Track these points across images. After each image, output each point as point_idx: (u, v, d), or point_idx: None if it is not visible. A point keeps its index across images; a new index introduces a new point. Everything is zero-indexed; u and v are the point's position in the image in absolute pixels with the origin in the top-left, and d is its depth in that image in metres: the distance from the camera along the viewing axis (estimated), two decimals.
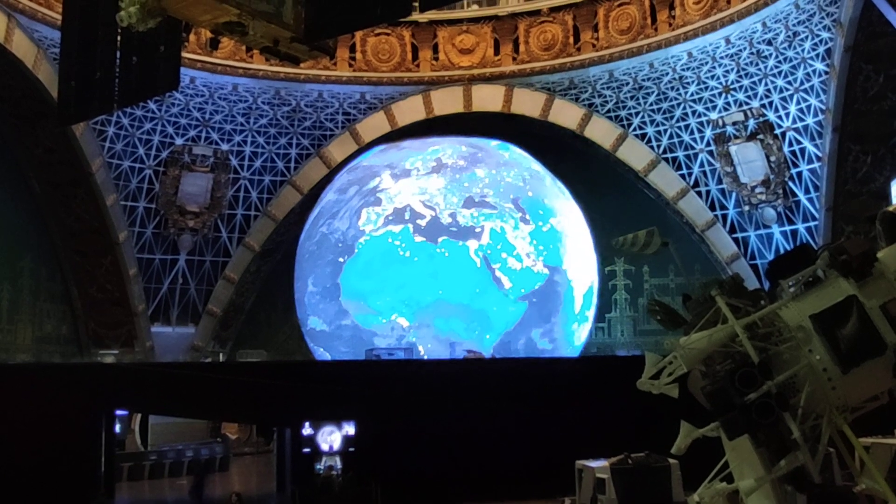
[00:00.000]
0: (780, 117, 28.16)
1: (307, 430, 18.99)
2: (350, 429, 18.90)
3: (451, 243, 29.84)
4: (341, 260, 30.29)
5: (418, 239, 29.94)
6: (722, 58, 28.81)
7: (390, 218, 30.33)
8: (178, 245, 32.09)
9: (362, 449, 18.58)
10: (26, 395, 18.03)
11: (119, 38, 9.71)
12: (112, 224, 30.04)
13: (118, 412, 21.99)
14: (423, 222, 30.04)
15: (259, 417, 23.75)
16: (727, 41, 28.39)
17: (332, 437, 19.00)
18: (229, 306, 32.98)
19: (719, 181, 30.26)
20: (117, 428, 22.36)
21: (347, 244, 30.43)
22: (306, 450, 19.02)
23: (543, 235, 30.59)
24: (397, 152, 32.14)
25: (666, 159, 31.01)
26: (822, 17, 25.40)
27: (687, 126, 30.47)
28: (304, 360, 30.11)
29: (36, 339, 29.93)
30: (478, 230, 30.15)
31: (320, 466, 18.88)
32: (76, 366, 26.33)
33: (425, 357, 28.48)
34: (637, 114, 31.24)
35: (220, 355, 32.10)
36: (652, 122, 31.06)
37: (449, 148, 32.10)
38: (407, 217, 30.15)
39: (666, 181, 31.05)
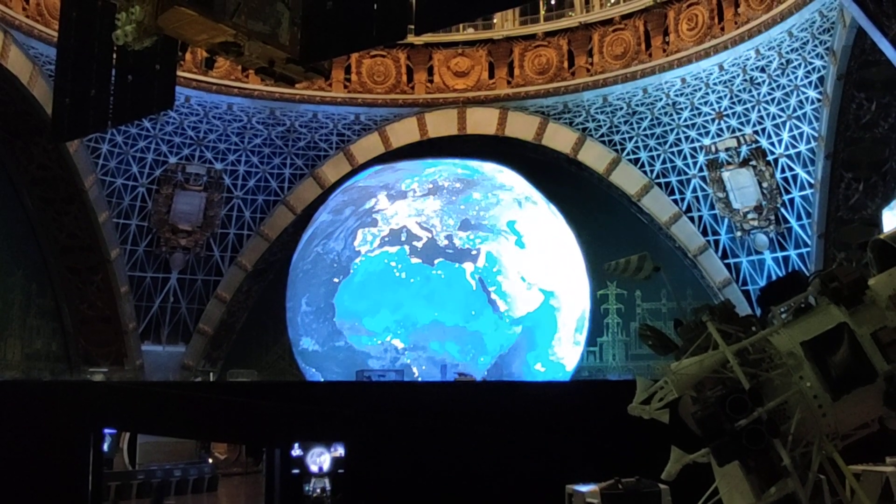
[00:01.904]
0: (772, 144, 28.30)
1: (296, 451, 18.89)
2: (340, 450, 18.81)
3: (447, 265, 29.89)
4: (336, 280, 30.29)
5: (414, 260, 29.99)
6: (715, 84, 28.98)
7: (386, 239, 30.40)
8: (169, 263, 32.04)
9: (352, 471, 18.49)
10: (14, 413, 17.92)
11: (115, 56, 9.74)
12: (104, 241, 30.00)
13: (106, 430, 21.85)
14: (419, 244, 30.12)
15: (248, 438, 23.61)
16: (720, 68, 28.57)
17: (321, 459, 18.89)
18: (220, 325, 32.89)
19: (712, 207, 30.35)
20: (105, 446, 22.20)
21: (343, 264, 30.44)
22: (295, 471, 18.91)
23: (538, 259, 30.64)
24: (393, 173, 32.23)
25: (659, 184, 31.11)
26: (815, 46, 25.59)
27: (680, 151, 30.60)
28: (295, 380, 30.00)
29: (25, 356, 29.77)
30: (474, 252, 30.22)
31: (309, 488, 18.77)
32: (65, 383, 26.17)
33: (419, 379, 28.41)
34: (630, 138, 31.38)
35: (211, 375, 31.97)
36: (645, 146, 31.19)
37: (445, 170, 32.20)
38: (403, 238, 30.23)
39: (659, 206, 31.14)
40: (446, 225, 30.62)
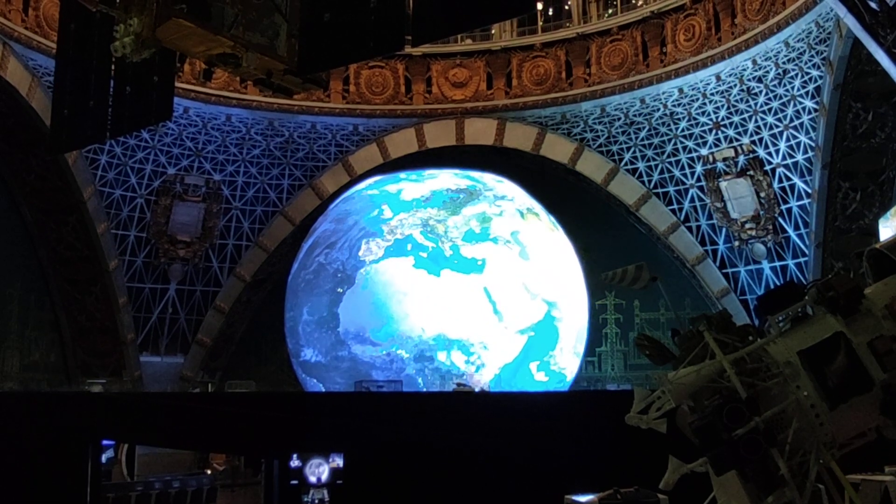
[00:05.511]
0: (770, 154, 28.36)
1: (295, 462, 18.88)
2: (338, 461, 18.79)
3: (452, 276, 29.89)
4: (340, 290, 30.26)
5: (419, 271, 29.99)
6: (712, 94, 29.05)
7: (391, 249, 30.40)
8: (168, 274, 32.05)
9: (350, 481, 18.46)
10: (12, 424, 17.90)
11: (113, 67, 9.75)
12: (102, 252, 30.02)
13: (105, 442, 21.82)
14: (424, 254, 30.14)
15: (247, 449, 23.59)
16: (718, 78, 28.65)
17: (320, 470, 18.88)
18: (219, 336, 32.87)
19: (710, 216, 30.39)
20: (104, 458, 22.16)
21: (347, 274, 30.45)
22: (294, 482, 18.89)
23: (541, 269, 30.65)
24: (396, 183, 32.27)
25: (657, 194, 31.17)
26: (812, 56, 25.67)
27: (678, 161, 30.65)
28: (293, 391, 29.98)
29: (23, 367, 29.75)
30: (479, 263, 30.24)
31: (308, 499, 18.75)
32: (63, 394, 26.14)
33: (424, 390, 28.41)
34: (628, 149, 31.43)
35: (209, 386, 31.93)
36: (643, 157, 31.25)
37: (449, 180, 32.26)
38: (409, 248, 30.24)
39: (657, 216, 31.19)
40: (451, 235, 30.66)
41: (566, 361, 30.90)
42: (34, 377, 29.95)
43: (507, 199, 32.23)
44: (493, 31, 33.70)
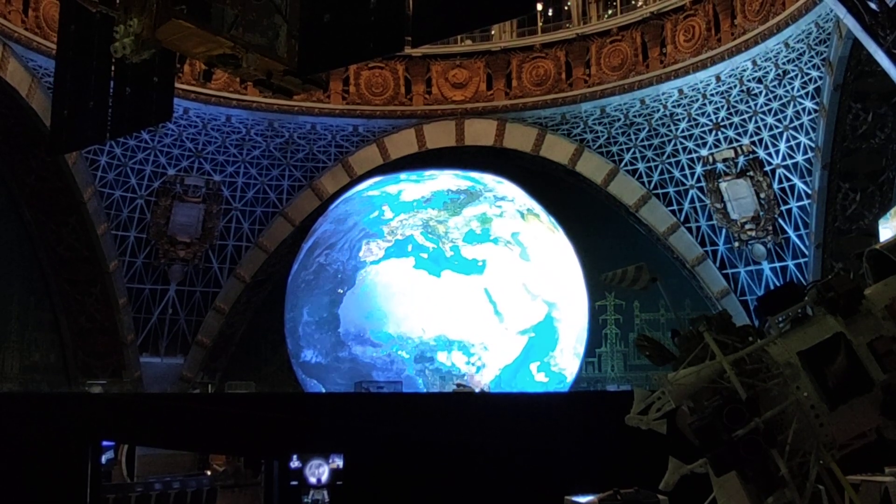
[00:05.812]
0: (769, 154, 28.36)
1: (295, 463, 18.87)
2: (338, 462, 18.78)
3: (452, 276, 29.83)
4: (340, 291, 30.22)
5: (420, 272, 29.93)
6: (712, 95, 29.05)
7: (392, 250, 30.34)
8: (168, 275, 32.04)
9: (350, 482, 18.45)
10: (12, 425, 17.90)
11: (113, 68, 9.74)
12: (102, 253, 30.01)
13: (105, 443, 21.80)
14: (425, 255, 30.07)
15: (247, 449, 23.57)
16: (717, 79, 28.65)
17: (320, 471, 18.86)
18: (219, 337, 32.86)
19: (709, 217, 30.39)
20: (103, 459, 22.15)
21: (347, 275, 30.36)
22: (294, 483, 18.88)
23: (541, 270, 30.61)
24: (396, 184, 32.23)
25: (657, 195, 31.16)
26: (812, 56, 25.68)
27: (678, 162, 30.65)
28: (293, 392, 29.96)
29: (23, 368, 29.75)
30: (479, 264, 30.19)
31: (308, 500, 18.74)
32: (63, 395, 26.12)
33: (424, 390, 28.37)
34: (628, 149, 31.44)
35: (209, 386, 31.92)
36: (643, 157, 31.25)
37: (449, 181, 32.22)
38: (409, 249, 30.18)
39: (656, 217, 31.19)
40: (452, 236, 30.61)
41: (566, 362, 30.85)
42: (34, 378, 29.95)
43: (507, 199, 32.18)
44: (492, 32, 33.70)
